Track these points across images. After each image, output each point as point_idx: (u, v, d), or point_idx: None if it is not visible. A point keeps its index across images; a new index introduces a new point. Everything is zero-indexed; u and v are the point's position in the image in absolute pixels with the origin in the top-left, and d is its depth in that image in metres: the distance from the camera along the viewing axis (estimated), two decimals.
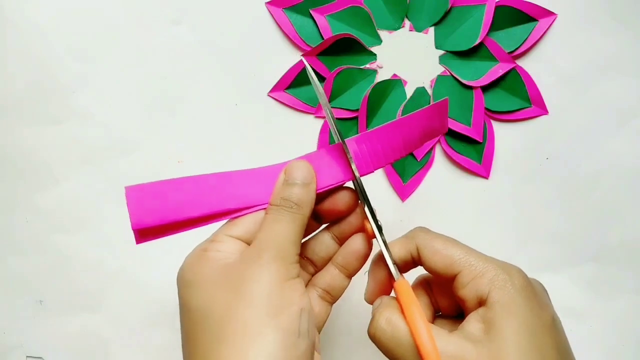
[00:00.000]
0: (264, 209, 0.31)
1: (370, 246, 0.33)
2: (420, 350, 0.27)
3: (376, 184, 0.47)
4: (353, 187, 0.33)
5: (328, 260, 0.34)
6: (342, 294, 0.34)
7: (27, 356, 0.49)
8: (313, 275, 0.34)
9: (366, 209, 0.32)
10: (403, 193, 0.47)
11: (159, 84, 0.47)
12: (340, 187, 0.33)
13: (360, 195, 0.32)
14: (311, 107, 0.46)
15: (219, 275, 0.28)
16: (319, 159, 0.32)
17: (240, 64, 0.46)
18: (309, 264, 0.34)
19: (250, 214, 0.31)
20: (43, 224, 0.48)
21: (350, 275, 0.34)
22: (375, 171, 0.33)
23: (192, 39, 0.46)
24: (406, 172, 0.47)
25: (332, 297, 0.34)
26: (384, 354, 0.29)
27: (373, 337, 0.29)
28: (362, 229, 0.33)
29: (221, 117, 0.47)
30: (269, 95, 0.47)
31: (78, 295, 0.48)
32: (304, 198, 0.30)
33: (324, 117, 0.46)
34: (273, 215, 0.30)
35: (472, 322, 0.28)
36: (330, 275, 0.33)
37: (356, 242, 0.33)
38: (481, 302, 0.28)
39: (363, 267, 0.34)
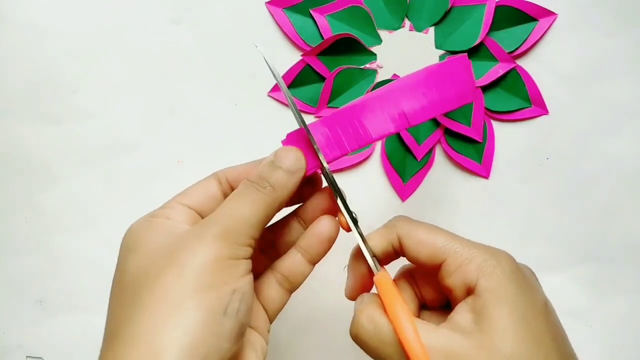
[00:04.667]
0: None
1: (336, 230, 0.31)
2: (405, 347, 0.25)
3: (376, 184, 0.47)
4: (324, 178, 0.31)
5: (292, 246, 0.32)
6: (301, 282, 0.32)
7: (27, 356, 0.49)
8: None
9: (339, 200, 0.30)
10: (403, 193, 0.47)
11: (159, 84, 0.47)
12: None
13: (331, 187, 0.30)
14: (311, 107, 0.46)
15: (161, 242, 0.27)
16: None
17: (241, 64, 0.46)
18: (271, 248, 0.33)
19: (201, 184, 0.30)
20: (43, 224, 0.48)
21: (312, 261, 0.31)
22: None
23: (192, 39, 0.46)
24: (406, 172, 0.47)
25: (290, 283, 0.31)
26: (369, 354, 0.28)
27: (355, 338, 0.28)
28: (329, 212, 0.31)
29: (221, 117, 0.47)
30: (269, 95, 0.47)
31: (78, 295, 0.48)
32: (282, 182, 0.28)
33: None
34: (239, 191, 0.28)
35: (461, 313, 0.26)
36: (291, 260, 0.31)
37: (320, 224, 0.31)
38: (469, 291, 0.27)
39: (344, 261, 0.32)
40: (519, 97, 0.46)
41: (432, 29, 0.46)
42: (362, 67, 0.46)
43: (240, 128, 0.47)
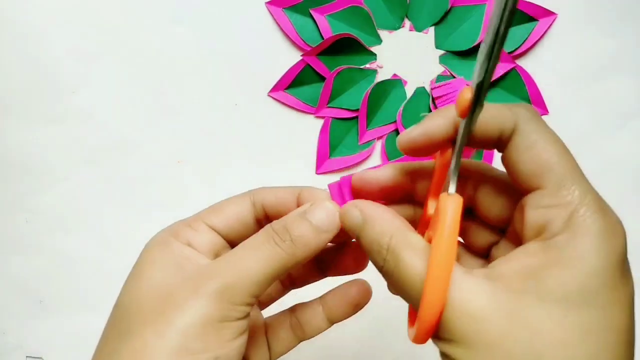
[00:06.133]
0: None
1: (366, 298, 0.29)
2: (425, 294, 0.20)
3: None
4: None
5: (309, 281, 0.31)
6: (314, 335, 0.30)
7: (27, 356, 0.49)
8: (287, 287, 0.31)
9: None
10: None
11: (159, 84, 0.47)
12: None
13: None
14: (311, 107, 0.46)
15: (166, 278, 0.25)
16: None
17: (240, 64, 0.46)
18: (287, 278, 0.31)
19: (233, 203, 0.28)
20: (43, 224, 0.48)
21: (332, 320, 0.30)
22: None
23: (192, 39, 0.46)
24: None
25: (303, 332, 0.30)
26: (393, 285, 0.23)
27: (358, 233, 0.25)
28: (362, 255, 0.29)
29: (221, 117, 0.47)
30: (269, 95, 0.47)
31: (78, 295, 0.48)
32: (305, 239, 0.25)
33: (323, 117, 0.46)
34: (255, 239, 0.26)
35: (530, 247, 0.21)
36: (311, 311, 0.30)
37: (351, 288, 0.29)
38: (541, 231, 0.22)
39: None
40: (519, 97, 0.46)
41: (432, 29, 0.46)
42: (362, 67, 0.46)
43: (240, 128, 0.47)
